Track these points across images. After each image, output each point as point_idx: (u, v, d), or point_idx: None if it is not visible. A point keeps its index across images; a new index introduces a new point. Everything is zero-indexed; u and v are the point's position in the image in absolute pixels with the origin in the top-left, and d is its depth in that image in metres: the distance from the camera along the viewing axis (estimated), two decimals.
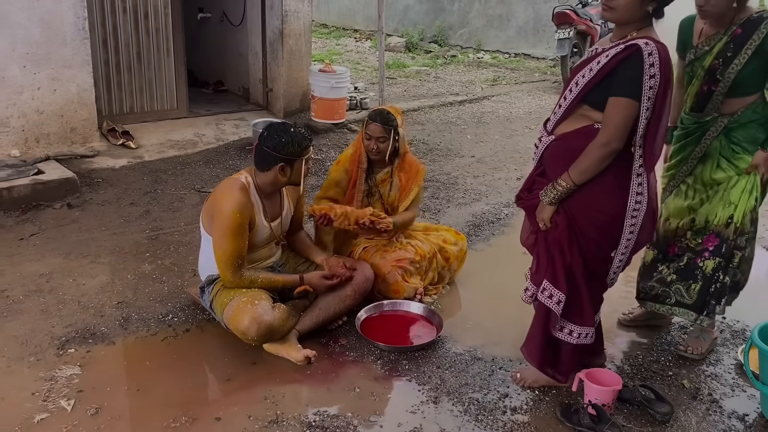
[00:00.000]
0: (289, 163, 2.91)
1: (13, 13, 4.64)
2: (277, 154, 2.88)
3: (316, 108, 6.29)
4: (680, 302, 3.01)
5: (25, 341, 2.95)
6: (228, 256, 2.86)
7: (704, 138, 2.90)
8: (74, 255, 3.76)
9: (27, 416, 2.49)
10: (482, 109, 7.76)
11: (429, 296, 3.48)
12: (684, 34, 2.95)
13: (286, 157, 2.89)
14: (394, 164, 3.52)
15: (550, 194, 2.47)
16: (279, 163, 2.89)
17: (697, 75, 2.87)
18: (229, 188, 2.89)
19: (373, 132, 3.38)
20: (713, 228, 2.91)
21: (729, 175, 2.87)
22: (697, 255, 2.96)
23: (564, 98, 2.47)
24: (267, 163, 2.91)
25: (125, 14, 5.67)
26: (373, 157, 3.45)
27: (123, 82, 5.83)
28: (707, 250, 2.93)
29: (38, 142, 4.97)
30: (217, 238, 2.87)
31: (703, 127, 2.90)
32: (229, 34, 7.21)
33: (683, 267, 2.99)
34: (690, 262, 2.98)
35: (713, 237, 2.91)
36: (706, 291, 2.93)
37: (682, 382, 2.89)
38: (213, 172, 5.20)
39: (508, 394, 2.76)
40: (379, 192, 3.53)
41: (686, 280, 2.98)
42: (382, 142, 3.39)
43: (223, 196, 2.88)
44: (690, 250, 2.98)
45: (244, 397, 2.68)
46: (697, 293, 2.95)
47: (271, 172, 2.92)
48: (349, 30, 13.66)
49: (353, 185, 3.50)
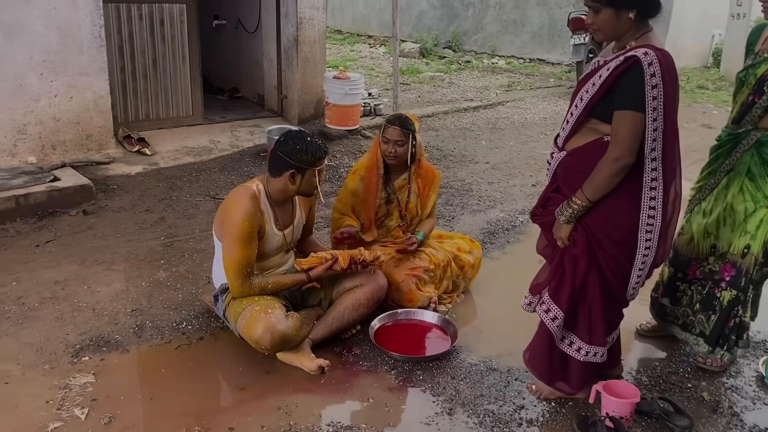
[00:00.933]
0: (300, 171, 2.90)
1: (30, 21, 4.68)
2: (289, 160, 2.87)
3: (331, 114, 6.29)
4: (702, 333, 2.98)
5: (40, 349, 2.96)
6: (237, 265, 2.85)
7: (735, 151, 2.83)
8: (89, 262, 3.77)
9: (41, 425, 2.49)
10: (497, 114, 7.73)
11: (443, 305, 3.46)
12: (751, 42, 2.86)
13: (298, 165, 2.88)
14: (411, 170, 3.51)
15: (566, 213, 2.43)
16: (290, 170, 2.89)
17: (748, 83, 2.78)
18: (239, 196, 2.89)
19: (391, 135, 3.38)
20: (729, 257, 2.86)
21: (748, 204, 2.80)
22: (715, 285, 2.91)
23: (571, 114, 2.44)
24: (279, 169, 2.91)
25: (141, 21, 5.71)
26: (390, 161, 3.44)
27: (139, 89, 5.87)
28: (724, 280, 2.88)
29: (55, 149, 5.01)
30: (226, 247, 2.87)
31: (736, 139, 2.83)
32: (244, 41, 7.24)
33: (705, 296, 2.95)
34: (710, 291, 2.93)
35: (729, 266, 2.86)
36: (723, 324, 2.89)
37: (701, 395, 2.84)
38: (228, 178, 5.21)
39: (524, 406, 2.72)
40: (397, 198, 3.53)
41: (707, 311, 2.94)
42: (400, 145, 3.38)
43: (232, 205, 2.87)
44: (710, 278, 2.93)
45: (258, 407, 2.66)
46: (714, 325, 2.91)
47: (282, 179, 2.92)
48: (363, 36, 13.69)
49: (371, 192, 3.49)
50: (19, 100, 4.76)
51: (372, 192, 3.48)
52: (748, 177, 2.81)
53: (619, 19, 2.29)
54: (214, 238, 3.03)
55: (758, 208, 2.79)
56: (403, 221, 3.56)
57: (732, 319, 2.88)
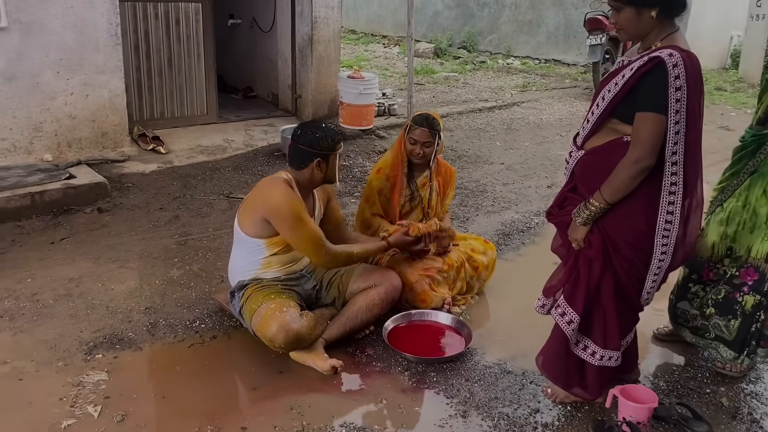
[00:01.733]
0: (324, 158, 2.95)
1: (48, 19, 4.71)
2: (313, 150, 2.92)
3: (345, 114, 6.28)
4: (720, 337, 2.91)
5: (54, 346, 2.96)
6: (311, 240, 2.89)
7: (759, 152, 2.77)
8: (104, 259, 3.78)
9: (54, 421, 2.49)
10: (512, 115, 7.69)
11: (457, 306, 3.43)
12: None
13: (322, 152, 2.93)
14: (432, 168, 3.52)
15: (583, 214, 2.39)
16: (315, 159, 2.93)
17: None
18: (276, 184, 2.92)
19: (419, 137, 3.38)
20: (752, 261, 2.80)
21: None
22: (735, 289, 2.84)
23: (592, 113, 2.40)
24: (303, 161, 2.94)
25: (157, 20, 5.73)
26: (416, 161, 3.45)
27: (154, 87, 5.89)
28: (746, 284, 2.82)
29: (70, 147, 5.04)
30: (291, 233, 2.88)
31: (761, 140, 2.78)
32: (258, 40, 7.25)
33: (722, 300, 2.88)
34: (728, 295, 2.86)
35: (752, 271, 2.80)
36: (747, 329, 2.83)
37: (720, 401, 2.79)
38: (242, 177, 5.21)
39: (539, 410, 2.69)
40: (420, 196, 3.52)
41: (725, 315, 2.87)
42: (428, 146, 3.40)
43: (272, 192, 2.88)
44: (727, 282, 2.87)
45: (270, 407, 2.65)
46: (737, 330, 2.85)
47: (308, 169, 2.95)
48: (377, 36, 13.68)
49: (397, 190, 3.49)
50: (35, 98, 4.79)
51: (397, 190, 3.49)
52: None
53: (640, 18, 2.26)
54: (237, 231, 3.01)
55: None
56: (425, 218, 3.54)
57: (754, 324, 2.82)
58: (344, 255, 3.03)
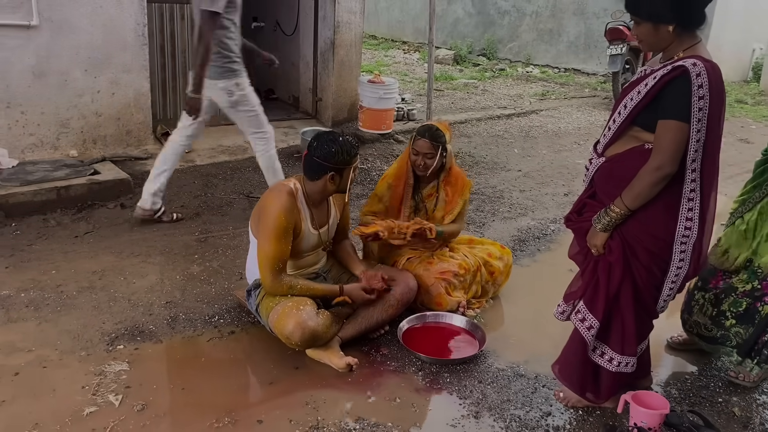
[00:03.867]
0: (338, 172, 2.96)
1: (77, 18, 4.82)
2: (327, 164, 2.92)
3: (364, 118, 6.34)
4: (740, 345, 2.94)
5: (77, 336, 3.04)
6: (269, 259, 2.89)
7: None
8: (126, 254, 3.86)
9: (77, 409, 2.56)
10: (530, 123, 7.71)
11: (472, 310, 3.46)
12: None
13: (336, 166, 2.93)
14: (440, 179, 3.51)
15: (603, 220, 2.42)
16: (329, 173, 2.94)
17: None
18: (277, 192, 2.94)
19: (420, 148, 3.36)
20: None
21: None
22: (756, 300, 2.86)
23: (613, 121, 2.42)
24: (317, 173, 2.96)
25: (183, 21, 5.83)
26: (420, 173, 3.43)
27: (178, 87, 5.99)
28: (766, 294, 2.83)
29: (95, 144, 5.14)
30: (261, 240, 2.92)
31: None
32: (281, 43, 7.34)
33: (743, 312, 2.89)
34: (750, 306, 2.88)
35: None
36: (758, 336, 2.85)
37: (732, 410, 2.80)
38: (261, 178, 5.23)
39: (551, 413, 2.72)
40: (425, 207, 3.53)
41: (746, 324, 2.89)
42: (429, 158, 3.36)
43: (270, 200, 2.93)
44: (748, 295, 2.87)
45: (286, 402, 2.70)
46: (749, 336, 2.87)
47: (321, 181, 2.96)
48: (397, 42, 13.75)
49: (399, 201, 3.49)
50: (63, 95, 4.90)
51: (397, 200, 3.49)
52: None
53: (658, 32, 2.29)
54: (250, 234, 3.09)
55: None
56: None
57: (766, 334, 2.83)
58: (286, 287, 2.93)
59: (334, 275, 3.26)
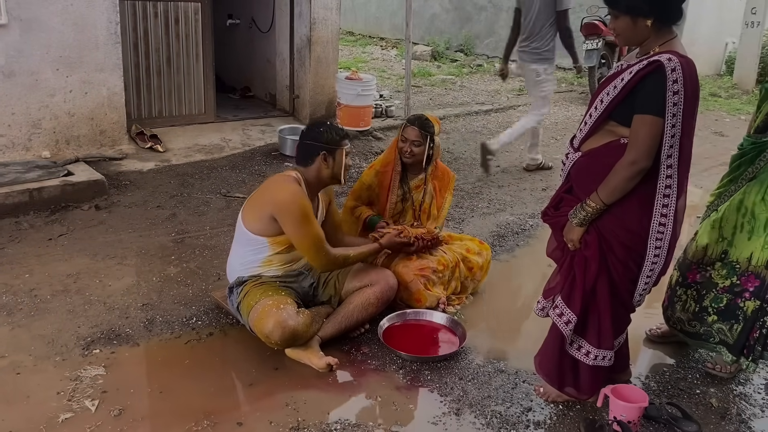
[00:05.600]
0: (330, 152, 3.00)
1: (47, 17, 4.72)
2: (318, 144, 2.99)
3: (342, 115, 6.31)
4: (724, 341, 2.95)
5: (52, 340, 2.98)
6: (312, 242, 2.92)
7: (759, 159, 2.81)
8: (101, 256, 3.80)
9: (52, 415, 2.51)
10: (508, 118, 7.73)
11: (452, 306, 3.46)
12: None
13: (327, 146, 2.99)
14: (428, 172, 3.56)
15: (579, 215, 2.43)
16: (321, 152, 2.99)
17: None
18: (285, 181, 2.96)
19: (409, 135, 3.44)
20: (753, 269, 2.82)
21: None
22: (736, 296, 2.88)
23: (589, 115, 2.44)
24: (310, 155, 3.01)
25: (156, 19, 5.75)
26: (406, 160, 3.49)
27: (152, 86, 5.91)
28: (747, 291, 2.85)
29: (68, 144, 5.05)
30: (295, 230, 2.90)
31: (760, 147, 2.81)
32: (257, 40, 7.28)
33: (723, 308, 2.91)
34: (730, 302, 2.89)
35: (753, 278, 2.82)
36: (747, 333, 2.87)
37: (710, 401, 2.83)
38: (239, 177, 5.23)
39: (532, 408, 2.72)
40: (412, 198, 3.56)
41: (728, 320, 2.91)
42: (417, 146, 3.44)
43: (281, 190, 2.92)
44: (728, 291, 2.89)
45: (266, 403, 2.68)
46: (738, 334, 2.89)
47: (315, 164, 3.01)
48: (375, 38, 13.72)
49: (387, 189, 3.52)
50: (34, 94, 4.81)
51: (386, 187, 3.53)
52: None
53: (636, 26, 2.31)
54: (241, 229, 3.03)
55: None
56: (417, 221, 3.58)
57: (757, 330, 2.86)
58: (341, 258, 3.07)
59: (315, 272, 3.23)
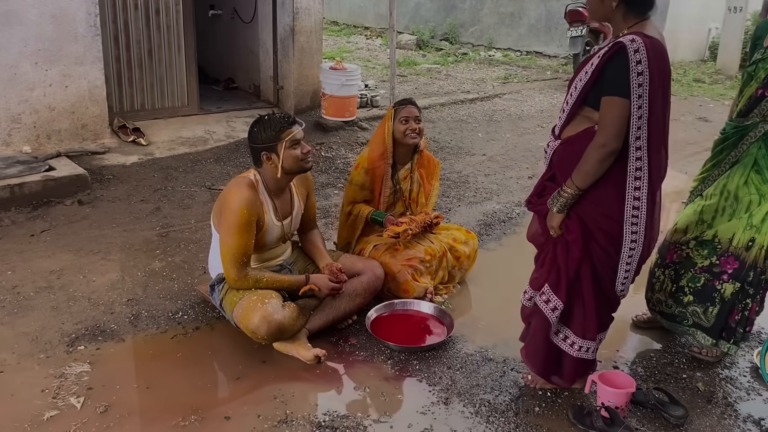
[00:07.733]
0: (270, 150, 2.88)
1: (25, 9, 4.65)
2: (255, 146, 2.92)
3: (327, 105, 6.27)
4: (698, 324, 2.97)
5: (36, 338, 2.95)
6: (233, 253, 2.83)
7: (741, 143, 2.82)
8: (85, 252, 3.76)
9: (37, 413, 2.48)
10: (493, 107, 7.73)
11: (440, 296, 3.46)
12: (758, 36, 2.84)
13: (264, 145, 2.88)
14: (414, 160, 3.54)
15: (557, 202, 2.43)
16: (262, 153, 2.90)
17: (757, 77, 2.76)
18: (238, 185, 2.88)
19: (410, 113, 3.45)
20: (732, 250, 2.83)
21: (753, 197, 2.79)
22: (714, 277, 2.89)
23: (566, 102, 2.44)
24: (256, 158, 2.95)
25: (137, 11, 5.68)
26: (412, 140, 3.45)
27: (134, 78, 5.84)
28: (726, 272, 2.86)
29: (49, 139, 4.98)
30: (224, 235, 2.86)
31: (742, 131, 2.82)
32: (239, 31, 7.21)
33: (700, 288, 2.93)
34: (707, 283, 2.91)
35: (732, 259, 2.84)
36: (725, 316, 2.88)
37: (696, 385, 2.85)
38: (223, 169, 5.19)
39: (520, 396, 2.73)
40: (400, 189, 3.54)
41: (703, 303, 2.93)
42: (419, 121, 3.47)
43: (231, 193, 2.86)
44: (707, 270, 2.91)
45: (254, 397, 2.66)
46: (715, 317, 2.90)
47: (264, 166, 2.94)
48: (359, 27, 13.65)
49: (379, 181, 3.50)
50: (13, 89, 4.73)
51: (378, 183, 3.50)
52: (754, 169, 2.79)
53: (603, 5, 2.34)
54: (212, 228, 3.03)
55: (764, 201, 2.78)
56: (407, 210, 3.57)
57: (738, 312, 2.87)
58: (252, 280, 2.89)
59: (299, 267, 3.22)
